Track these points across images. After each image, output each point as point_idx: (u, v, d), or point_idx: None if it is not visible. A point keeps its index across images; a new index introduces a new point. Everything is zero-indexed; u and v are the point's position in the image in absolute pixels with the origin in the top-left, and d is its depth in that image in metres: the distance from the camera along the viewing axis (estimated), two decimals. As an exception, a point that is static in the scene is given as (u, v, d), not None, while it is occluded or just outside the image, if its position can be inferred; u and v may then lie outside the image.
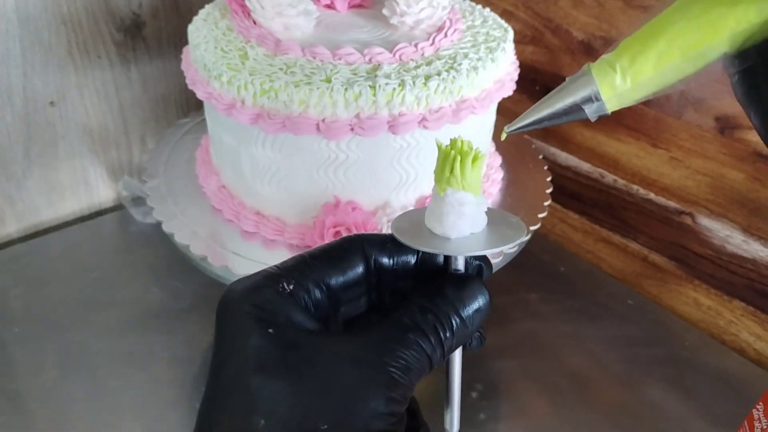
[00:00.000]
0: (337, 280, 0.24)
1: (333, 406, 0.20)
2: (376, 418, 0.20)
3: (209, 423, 0.21)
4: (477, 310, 0.24)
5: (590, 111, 0.24)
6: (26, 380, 0.50)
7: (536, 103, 0.25)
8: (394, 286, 0.26)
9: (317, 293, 0.24)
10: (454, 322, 0.23)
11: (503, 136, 0.27)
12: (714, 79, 0.23)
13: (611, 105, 0.24)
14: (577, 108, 0.24)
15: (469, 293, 0.24)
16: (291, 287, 0.23)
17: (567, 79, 0.24)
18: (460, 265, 0.25)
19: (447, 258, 0.25)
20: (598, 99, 0.23)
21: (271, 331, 0.21)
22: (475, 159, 0.24)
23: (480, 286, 0.24)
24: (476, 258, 0.26)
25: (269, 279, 0.23)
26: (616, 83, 0.23)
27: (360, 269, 0.25)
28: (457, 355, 0.26)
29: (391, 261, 0.25)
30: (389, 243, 0.25)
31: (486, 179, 0.53)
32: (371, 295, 0.26)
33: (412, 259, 0.26)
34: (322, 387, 0.20)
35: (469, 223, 0.24)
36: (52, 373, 0.51)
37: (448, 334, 0.23)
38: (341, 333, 0.24)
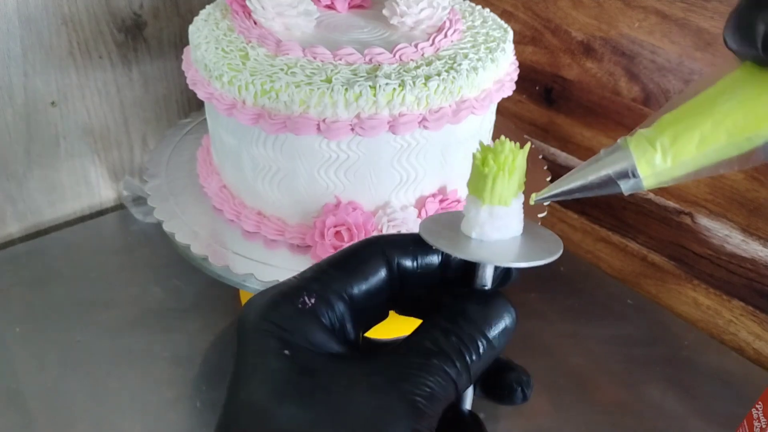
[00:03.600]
0: (359, 289, 0.23)
1: None
2: None
3: None
4: (503, 330, 0.22)
5: (626, 187, 0.23)
6: (27, 379, 0.51)
7: (568, 173, 0.24)
8: (415, 294, 0.24)
9: (340, 306, 0.22)
10: (480, 344, 0.21)
11: (531, 201, 0.25)
12: (759, 162, 0.22)
13: (648, 183, 0.22)
14: (611, 182, 0.23)
15: (494, 312, 0.22)
16: (312, 301, 0.21)
17: (601, 151, 0.23)
18: (488, 274, 0.23)
19: (471, 263, 0.23)
20: (635, 175, 0.22)
21: (287, 352, 0.20)
22: (512, 170, 0.22)
23: (505, 304, 0.22)
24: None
25: (289, 293, 0.22)
26: (656, 161, 0.22)
27: (382, 273, 0.23)
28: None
29: (415, 264, 0.24)
30: (411, 245, 0.24)
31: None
32: (392, 303, 0.24)
33: (436, 260, 0.24)
34: (338, 416, 0.19)
35: (503, 233, 0.23)
36: (52, 373, 0.51)
37: (474, 357, 0.21)
38: (362, 357, 0.22)
